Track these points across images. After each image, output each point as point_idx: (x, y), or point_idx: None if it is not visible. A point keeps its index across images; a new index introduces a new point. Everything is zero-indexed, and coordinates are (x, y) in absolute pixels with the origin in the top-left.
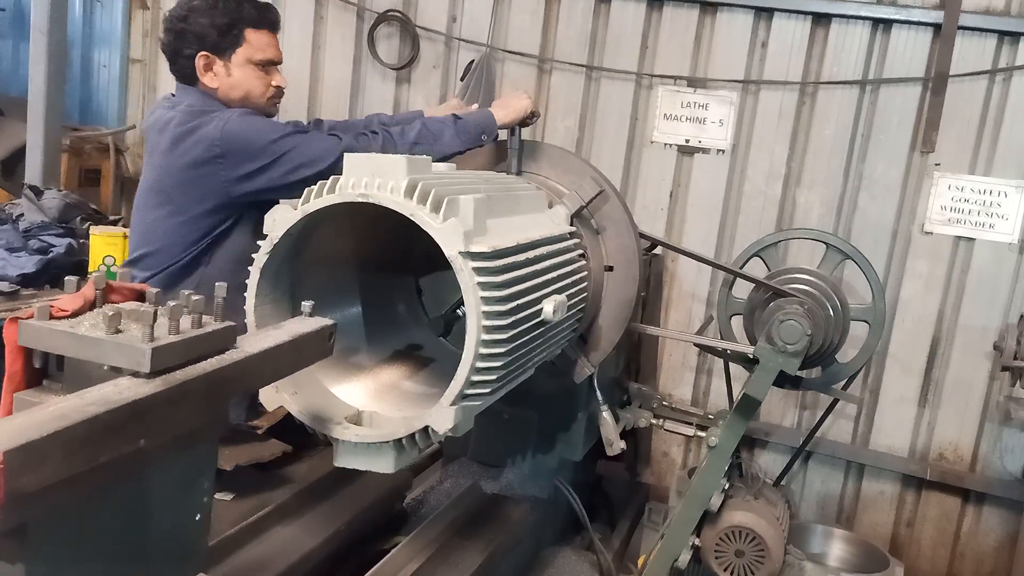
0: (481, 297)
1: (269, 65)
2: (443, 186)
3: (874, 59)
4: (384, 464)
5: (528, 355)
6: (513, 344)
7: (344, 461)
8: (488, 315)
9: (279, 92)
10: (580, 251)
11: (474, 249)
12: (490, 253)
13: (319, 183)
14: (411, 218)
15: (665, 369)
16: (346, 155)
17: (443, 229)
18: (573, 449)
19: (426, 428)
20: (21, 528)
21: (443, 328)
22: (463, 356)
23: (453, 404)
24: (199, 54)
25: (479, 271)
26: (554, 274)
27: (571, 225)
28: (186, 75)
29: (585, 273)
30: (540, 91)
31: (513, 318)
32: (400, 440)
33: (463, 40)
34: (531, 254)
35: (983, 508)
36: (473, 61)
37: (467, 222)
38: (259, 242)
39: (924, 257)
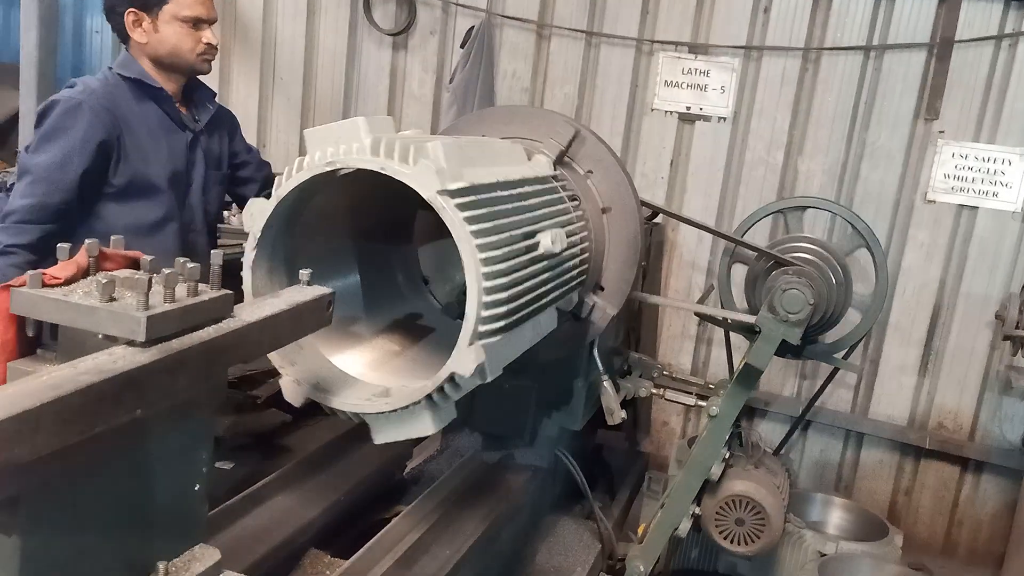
0: (471, 231)
1: (199, 23)
2: (408, 139)
3: (878, 24)
4: (423, 426)
5: (536, 289)
6: (514, 275)
7: (384, 436)
8: (482, 247)
9: (210, 49)
10: (570, 192)
11: (452, 187)
12: (468, 188)
13: (287, 167)
14: (381, 171)
15: (665, 339)
16: (305, 131)
17: (415, 173)
18: (573, 418)
19: (452, 377)
20: (15, 500)
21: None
22: (468, 294)
23: (471, 344)
24: (128, 10)
25: (462, 206)
26: (545, 210)
27: (555, 171)
28: (120, 31)
29: (581, 212)
30: (539, 57)
31: (507, 248)
32: (431, 396)
33: (460, 5)
34: (515, 191)
35: (981, 476)
36: (473, 28)
37: (439, 162)
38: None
39: (926, 226)
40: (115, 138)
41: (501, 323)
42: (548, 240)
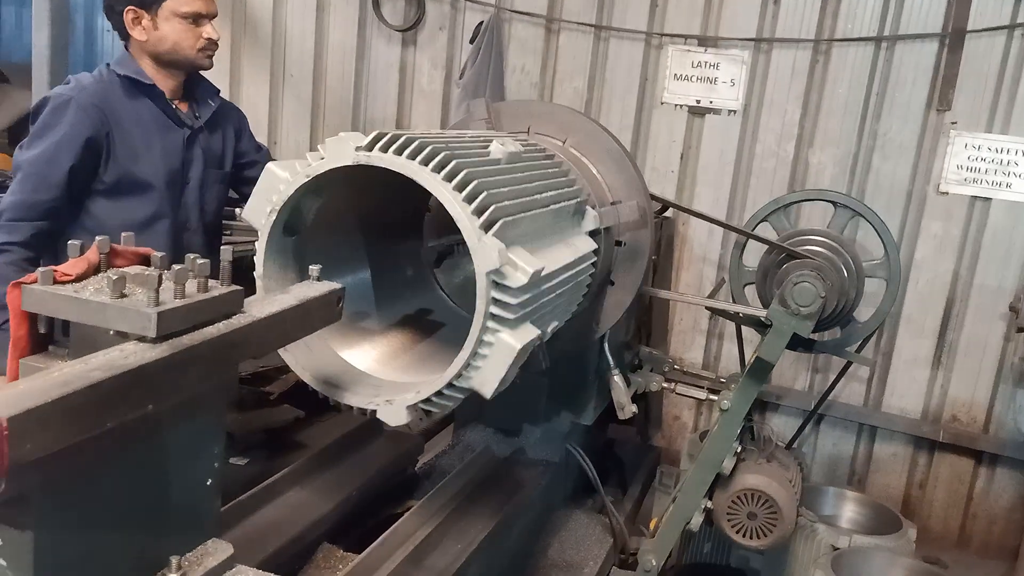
0: (407, 154)
1: (199, 18)
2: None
3: (890, 15)
4: (510, 347)
5: (518, 184)
6: (475, 170)
7: (490, 384)
8: (425, 160)
9: (211, 44)
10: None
11: (365, 142)
12: (384, 133)
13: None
14: (312, 176)
15: (676, 333)
16: (241, 215)
17: (331, 156)
18: (584, 413)
19: (490, 279)
20: (27, 495)
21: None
22: (447, 205)
23: (480, 240)
24: (127, 8)
25: (385, 146)
26: (488, 134)
27: None
28: (120, 30)
29: (536, 143)
30: (548, 52)
31: (453, 151)
32: (490, 313)
33: (469, 0)
34: (444, 135)
35: (996, 469)
36: (482, 23)
37: (342, 135)
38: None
39: (939, 217)
40: (104, 135)
41: (492, 207)
42: (498, 144)
